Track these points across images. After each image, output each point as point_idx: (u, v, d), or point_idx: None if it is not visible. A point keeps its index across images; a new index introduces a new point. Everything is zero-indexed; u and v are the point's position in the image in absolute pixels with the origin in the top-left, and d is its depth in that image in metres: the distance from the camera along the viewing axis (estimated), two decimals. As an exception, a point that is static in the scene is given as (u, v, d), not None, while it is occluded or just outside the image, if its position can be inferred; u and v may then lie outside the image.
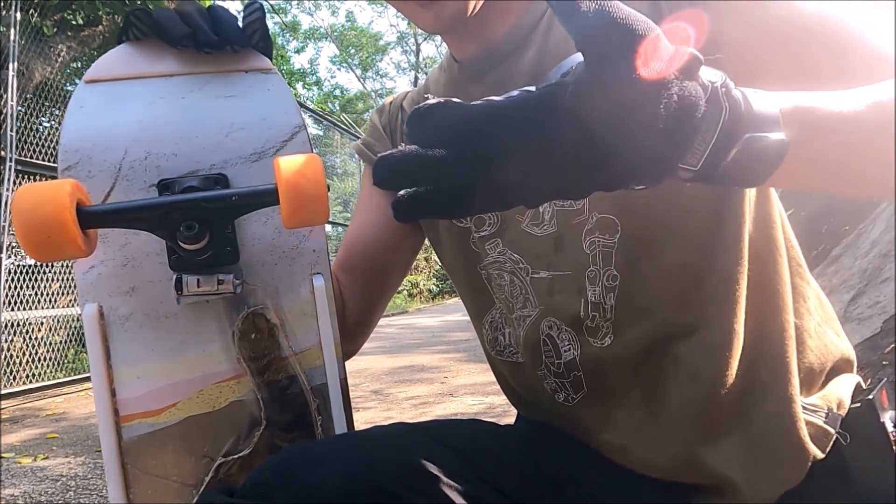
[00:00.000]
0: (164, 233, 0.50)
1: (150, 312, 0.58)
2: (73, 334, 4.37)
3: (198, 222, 0.49)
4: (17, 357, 3.95)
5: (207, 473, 0.59)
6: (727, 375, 0.56)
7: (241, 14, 0.61)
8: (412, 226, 0.75)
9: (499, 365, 0.71)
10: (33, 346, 4.09)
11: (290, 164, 0.48)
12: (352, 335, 0.76)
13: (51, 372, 4.17)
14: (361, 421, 2.99)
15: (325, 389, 0.60)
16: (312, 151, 0.59)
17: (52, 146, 4.13)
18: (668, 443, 0.58)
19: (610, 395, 0.61)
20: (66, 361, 4.31)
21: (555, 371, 0.63)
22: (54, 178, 0.62)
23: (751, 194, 0.57)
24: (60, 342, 4.28)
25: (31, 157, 4.01)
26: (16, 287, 3.98)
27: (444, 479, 0.54)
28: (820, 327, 0.62)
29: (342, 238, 0.82)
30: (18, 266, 4.04)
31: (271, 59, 0.63)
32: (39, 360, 4.12)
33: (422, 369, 4.49)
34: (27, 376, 4.01)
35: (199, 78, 0.61)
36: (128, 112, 0.59)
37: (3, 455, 2.62)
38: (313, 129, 11.17)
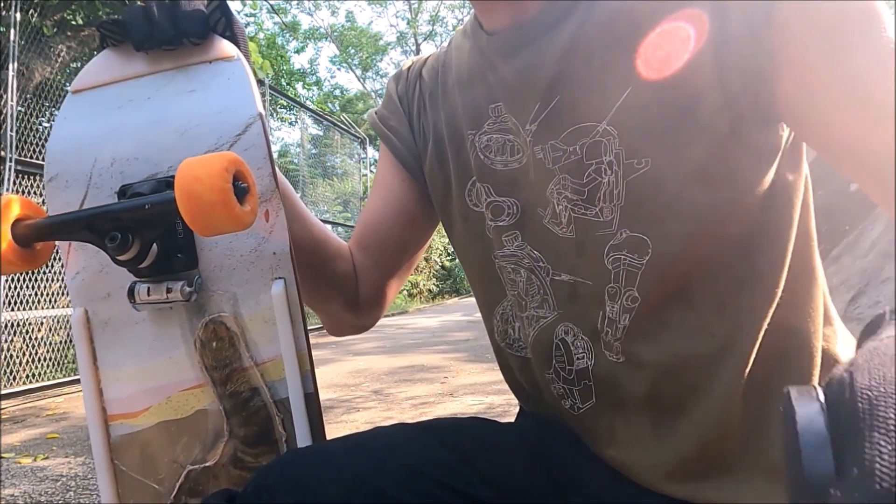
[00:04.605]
0: (97, 244, 0.50)
1: (125, 318, 0.59)
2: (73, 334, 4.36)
3: (120, 232, 0.49)
4: (17, 357, 3.95)
5: (178, 479, 0.59)
6: (744, 408, 0.54)
7: (204, 4, 0.59)
8: (427, 205, 0.73)
9: (507, 357, 0.69)
10: (33, 346, 4.09)
11: (188, 167, 0.45)
12: (365, 311, 0.76)
13: (51, 372, 4.18)
14: (361, 421, 2.99)
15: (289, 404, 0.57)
16: (269, 143, 0.57)
17: (51, 146, 4.13)
18: (674, 470, 0.56)
19: (618, 411, 0.58)
20: (66, 361, 4.31)
21: (564, 377, 0.61)
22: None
23: (798, 211, 0.54)
24: (60, 342, 4.28)
25: (31, 157, 4.01)
26: (16, 287, 3.98)
27: (448, 483, 0.53)
28: (846, 348, 0.59)
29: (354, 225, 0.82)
30: (18, 266, 4.03)
31: (241, 46, 0.60)
32: (39, 360, 4.12)
33: (422, 369, 4.49)
34: (27, 376, 4.01)
35: (165, 75, 0.59)
36: (100, 119, 0.59)
37: (3, 455, 2.62)
38: (313, 129, 11.17)
